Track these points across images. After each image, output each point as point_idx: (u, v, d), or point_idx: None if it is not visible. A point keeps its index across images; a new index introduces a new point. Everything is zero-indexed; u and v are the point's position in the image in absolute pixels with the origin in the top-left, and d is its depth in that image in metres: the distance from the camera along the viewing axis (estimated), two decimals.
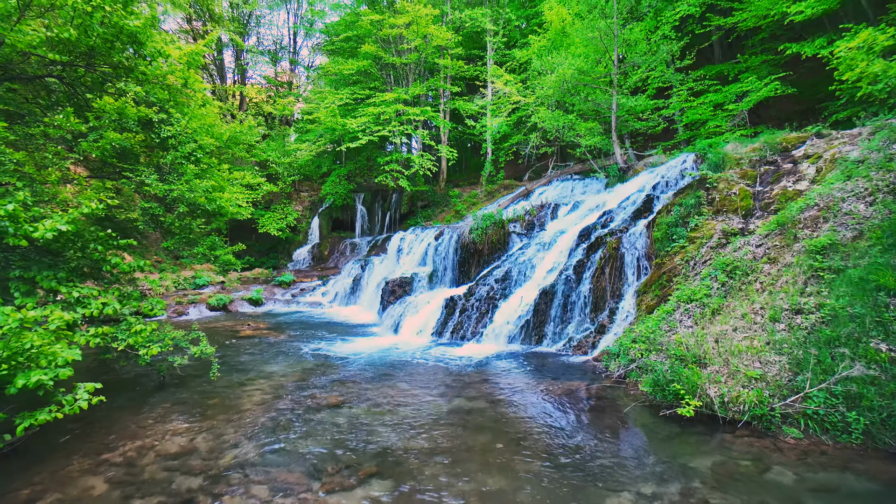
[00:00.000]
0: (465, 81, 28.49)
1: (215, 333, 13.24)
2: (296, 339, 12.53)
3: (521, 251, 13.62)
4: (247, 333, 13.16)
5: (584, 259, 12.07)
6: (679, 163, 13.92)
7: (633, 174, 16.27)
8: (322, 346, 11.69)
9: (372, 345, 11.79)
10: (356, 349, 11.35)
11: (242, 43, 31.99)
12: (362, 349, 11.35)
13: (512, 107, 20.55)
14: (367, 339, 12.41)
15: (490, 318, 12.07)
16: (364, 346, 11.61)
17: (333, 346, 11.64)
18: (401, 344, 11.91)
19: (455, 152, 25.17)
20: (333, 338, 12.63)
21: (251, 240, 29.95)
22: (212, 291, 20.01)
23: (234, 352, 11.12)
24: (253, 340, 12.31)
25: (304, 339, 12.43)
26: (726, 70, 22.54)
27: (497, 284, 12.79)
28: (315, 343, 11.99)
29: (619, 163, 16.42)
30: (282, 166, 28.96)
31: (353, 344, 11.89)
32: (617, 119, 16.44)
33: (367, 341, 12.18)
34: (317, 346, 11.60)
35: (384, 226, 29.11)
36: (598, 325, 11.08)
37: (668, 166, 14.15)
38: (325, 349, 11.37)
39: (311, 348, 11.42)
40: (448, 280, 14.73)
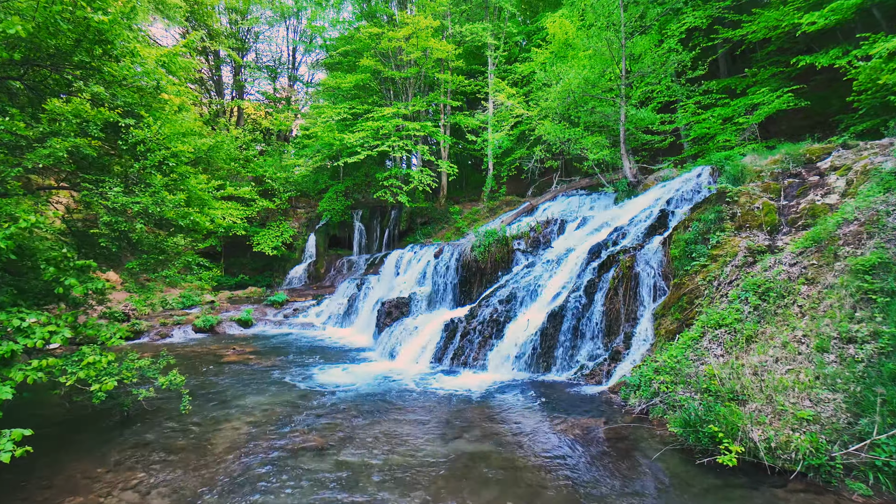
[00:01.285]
0: (466, 97, 27.94)
1: (197, 358, 12.26)
2: (283, 365, 11.55)
3: (527, 270, 12.73)
4: (231, 359, 12.18)
5: (596, 279, 11.16)
6: (694, 176, 13.10)
7: (643, 189, 15.44)
8: (311, 373, 10.71)
9: (365, 373, 10.81)
10: (347, 378, 10.37)
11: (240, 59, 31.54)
12: (354, 378, 10.37)
13: (514, 120, 19.87)
14: (360, 366, 11.43)
15: (494, 343, 11.11)
16: (356, 375, 10.63)
17: (323, 374, 10.66)
18: (397, 372, 10.93)
19: (455, 168, 24.45)
20: (324, 364, 11.66)
21: (246, 257, 29.15)
22: (200, 312, 19.06)
23: (214, 380, 10.13)
24: (236, 367, 11.33)
25: (291, 366, 11.45)
26: (733, 84, 21.93)
27: (501, 306, 11.86)
28: (303, 370, 11.01)
29: (629, 177, 15.61)
30: (278, 182, 28.26)
31: (345, 372, 10.91)
32: (625, 132, 15.68)
33: (361, 368, 11.20)
34: (305, 374, 10.61)
35: (383, 243, 28.26)
36: (612, 352, 10.12)
37: (682, 180, 13.33)
38: (313, 378, 10.39)
39: (298, 377, 10.44)
40: (448, 301, 13.81)
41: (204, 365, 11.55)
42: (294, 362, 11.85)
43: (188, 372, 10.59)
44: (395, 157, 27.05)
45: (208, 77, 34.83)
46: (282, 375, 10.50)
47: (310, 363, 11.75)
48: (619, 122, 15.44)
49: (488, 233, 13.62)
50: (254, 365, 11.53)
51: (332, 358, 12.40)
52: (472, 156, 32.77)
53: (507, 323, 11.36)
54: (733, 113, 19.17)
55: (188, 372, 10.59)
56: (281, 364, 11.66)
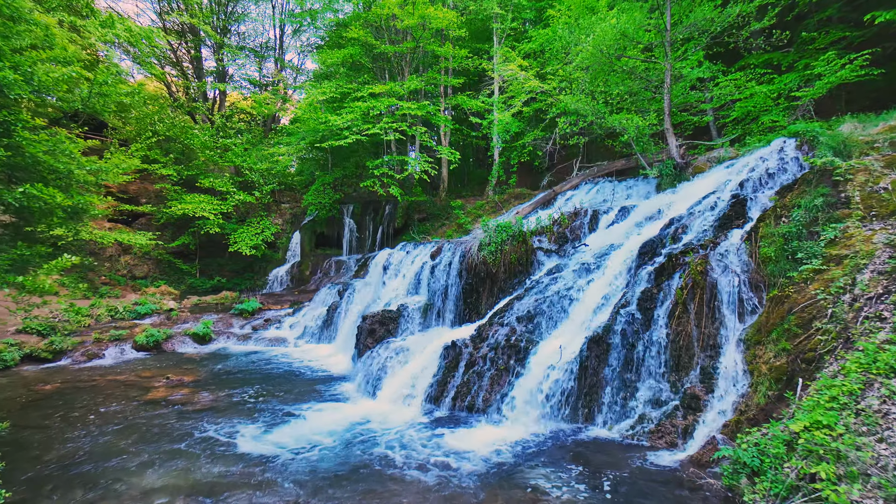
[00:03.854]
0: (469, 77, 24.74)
1: (110, 394, 9.12)
2: (224, 407, 8.42)
3: (553, 276, 9.58)
4: (156, 394, 9.05)
5: (653, 288, 8.02)
6: (773, 151, 9.97)
7: (693, 172, 12.29)
8: (256, 425, 7.57)
9: (333, 423, 7.66)
10: (307, 432, 7.23)
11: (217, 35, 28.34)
12: (317, 432, 7.23)
13: (527, 96, 16.75)
14: (327, 411, 8.28)
15: (513, 379, 7.97)
16: (320, 427, 7.49)
17: (274, 425, 7.52)
18: (378, 419, 7.80)
19: (457, 154, 21.27)
20: (281, 405, 8.52)
21: (223, 258, 26.01)
22: (153, 322, 15.94)
23: (105, 437, 6.97)
24: (156, 410, 8.18)
25: (235, 409, 8.32)
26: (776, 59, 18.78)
27: (521, 325, 8.71)
28: (248, 418, 7.88)
29: (675, 157, 12.45)
30: (257, 173, 25.09)
31: (306, 421, 7.76)
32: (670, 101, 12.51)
33: (327, 415, 8.05)
34: (247, 426, 7.47)
35: (376, 242, 25.11)
36: (686, 397, 6.97)
37: (755, 157, 10.21)
38: (258, 430, 7.25)
39: (236, 430, 7.31)
40: (449, 316, 10.66)
41: (113, 403, 8.42)
42: (243, 400, 8.72)
43: (74, 419, 7.48)
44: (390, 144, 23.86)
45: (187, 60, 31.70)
46: (214, 427, 7.36)
47: (262, 403, 8.61)
48: (664, 87, 12.26)
49: (501, 227, 10.48)
50: (184, 406, 8.39)
51: (296, 393, 9.27)
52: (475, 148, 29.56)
53: (529, 350, 8.20)
54: (783, 88, 16.01)
55: (74, 419, 7.48)
56: (222, 404, 8.52)
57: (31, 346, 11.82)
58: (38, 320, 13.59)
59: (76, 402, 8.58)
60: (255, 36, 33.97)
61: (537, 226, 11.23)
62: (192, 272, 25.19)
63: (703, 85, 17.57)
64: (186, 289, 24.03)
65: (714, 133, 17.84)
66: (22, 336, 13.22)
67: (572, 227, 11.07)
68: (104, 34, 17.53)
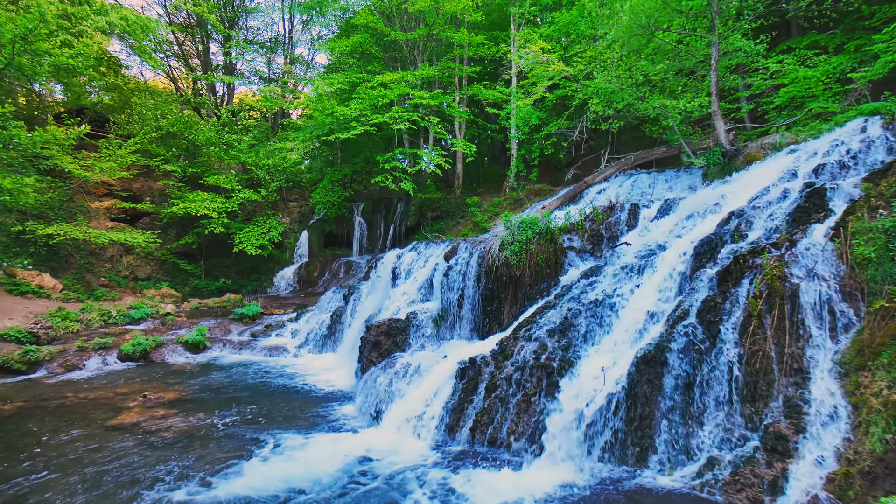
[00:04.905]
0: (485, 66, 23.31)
1: (75, 415, 7.89)
2: (202, 435, 7.13)
3: (589, 281, 8.11)
4: (127, 418, 7.79)
5: (717, 297, 6.53)
6: (852, 131, 8.40)
7: (745, 161, 10.73)
8: (235, 460, 6.25)
9: (328, 458, 6.31)
10: (293, 474, 5.88)
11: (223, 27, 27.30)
12: (305, 473, 5.89)
13: (549, 81, 15.28)
14: (323, 441, 6.94)
15: (544, 406, 6.54)
16: (311, 465, 6.14)
17: (256, 464, 6.19)
18: (380, 455, 6.43)
19: (473, 147, 19.84)
20: (268, 432, 7.20)
21: (229, 258, 24.97)
22: (146, 328, 14.81)
23: (38, 472, 5.70)
24: (119, 439, 6.90)
25: (214, 438, 7.02)
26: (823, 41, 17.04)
27: (552, 340, 7.27)
28: (227, 449, 6.57)
29: (724, 144, 10.89)
30: (263, 170, 23.95)
31: (293, 457, 6.41)
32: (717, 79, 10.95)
33: (322, 448, 6.69)
34: (223, 463, 6.15)
35: (387, 241, 23.80)
36: (768, 436, 5.48)
37: (829, 140, 8.64)
38: (234, 470, 5.93)
39: (210, 466, 6.00)
40: (465, 326, 9.25)
41: (72, 429, 7.17)
42: (222, 429, 7.42)
43: (14, 452, 6.22)
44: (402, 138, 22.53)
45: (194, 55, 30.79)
46: (180, 466, 6.05)
47: (246, 430, 7.31)
48: (711, 65, 10.70)
49: (525, 223, 9.04)
50: (153, 434, 7.11)
51: (288, 417, 7.95)
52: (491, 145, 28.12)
53: (564, 372, 6.76)
54: (833, 71, 14.32)
55: (14, 452, 6.22)
56: (199, 432, 7.23)
57: (3, 357, 10.70)
58: (17, 326, 12.50)
59: (30, 427, 7.37)
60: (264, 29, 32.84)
61: (566, 222, 9.77)
62: (197, 273, 24.19)
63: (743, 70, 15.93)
64: (190, 290, 23.02)
65: (748, 125, 16.19)
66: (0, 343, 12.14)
67: (608, 223, 9.58)
68: (97, 22, 16.49)
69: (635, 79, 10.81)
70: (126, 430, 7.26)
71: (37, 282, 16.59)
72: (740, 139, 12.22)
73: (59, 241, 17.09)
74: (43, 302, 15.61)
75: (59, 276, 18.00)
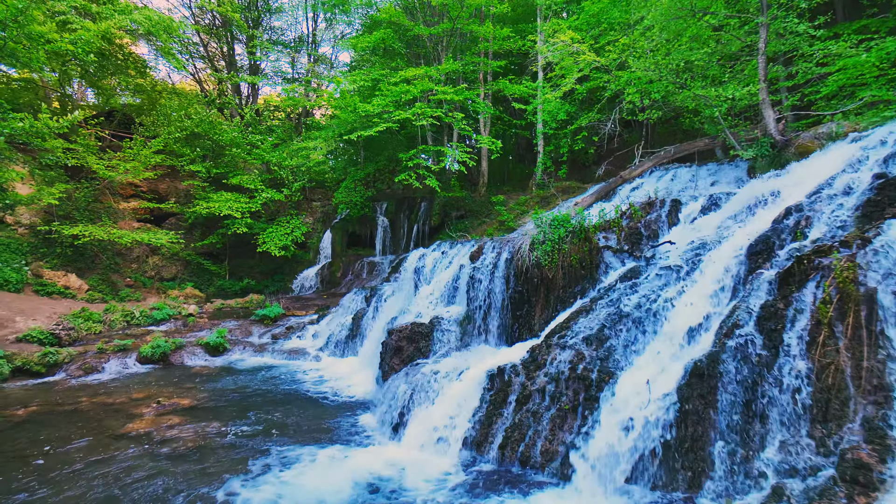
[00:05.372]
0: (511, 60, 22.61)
1: (86, 422, 7.59)
2: (213, 446, 6.72)
3: (629, 283, 7.42)
4: (137, 426, 7.44)
5: (778, 302, 5.79)
6: None
7: (797, 152, 9.85)
8: (244, 476, 5.80)
9: (344, 476, 5.81)
10: (305, 494, 5.40)
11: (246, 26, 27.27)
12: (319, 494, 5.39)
13: (579, 73, 14.54)
14: (339, 456, 6.44)
15: (583, 422, 5.90)
16: (325, 483, 5.65)
17: (266, 482, 5.73)
18: (400, 473, 5.90)
19: (499, 143, 19.18)
20: (283, 444, 6.76)
21: (253, 259, 24.87)
22: (168, 329, 14.67)
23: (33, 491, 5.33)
24: (126, 449, 6.54)
25: (225, 450, 6.60)
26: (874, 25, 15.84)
27: (589, 349, 6.62)
28: (238, 463, 6.14)
29: (773, 134, 10.02)
30: (286, 170, 23.76)
31: (307, 474, 5.93)
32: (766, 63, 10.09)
33: (339, 465, 6.19)
34: (232, 476, 5.72)
35: (410, 241, 23.33)
36: (846, 464, 4.73)
37: None
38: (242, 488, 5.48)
39: (217, 482, 5.56)
40: (493, 332, 8.65)
41: (80, 439, 6.84)
42: (235, 440, 7.00)
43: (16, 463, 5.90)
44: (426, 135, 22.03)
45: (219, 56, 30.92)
46: (186, 483, 5.63)
47: (259, 442, 6.87)
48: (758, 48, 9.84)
49: (557, 220, 8.39)
50: (161, 445, 6.73)
51: (305, 427, 7.50)
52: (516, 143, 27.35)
53: (604, 384, 6.11)
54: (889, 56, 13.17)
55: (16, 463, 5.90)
56: (211, 443, 6.83)
57: (23, 359, 10.57)
58: (40, 327, 12.42)
59: (39, 434, 7.08)
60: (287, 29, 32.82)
61: (601, 220, 9.07)
62: (222, 273, 24.19)
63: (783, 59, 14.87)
64: (215, 291, 23.01)
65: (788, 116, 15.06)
66: (23, 345, 12.07)
67: (647, 220, 8.85)
68: (121, 21, 16.45)
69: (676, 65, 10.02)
70: (134, 439, 6.90)
71: (63, 282, 16.64)
72: (790, 129, 11.30)
73: (85, 242, 17.12)
74: (68, 302, 15.61)
75: (86, 277, 18.07)
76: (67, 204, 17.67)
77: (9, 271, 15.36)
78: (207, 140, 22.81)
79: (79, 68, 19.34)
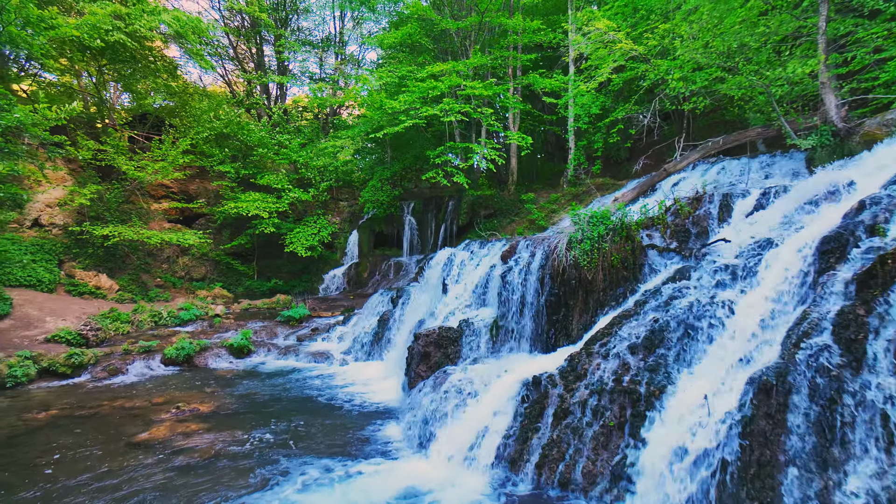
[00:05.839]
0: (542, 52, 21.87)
1: (104, 428, 7.34)
2: (231, 455, 6.36)
3: (678, 285, 6.73)
4: (154, 433, 7.14)
5: (858, 308, 5.04)
6: None
7: (862, 140, 8.93)
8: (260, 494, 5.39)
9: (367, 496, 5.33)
10: None
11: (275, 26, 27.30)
12: None
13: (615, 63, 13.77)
14: (363, 471, 5.97)
15: (631, 442, 5.28)
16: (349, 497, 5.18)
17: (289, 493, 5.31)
18: (427, 493, 5.39)
19: (529, 139, 18.52)
20: (303, 457, 6.35)
21: (281, 259, 24.84)
22: (194, 330, 14.55)
23: None
24: (140, 459, 6.22)
25: (242, 462, 6.22)
26: None
27: (635, 358, 5.97)
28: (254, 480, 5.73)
29: (835, 121, 9.12)
30: (313, 170, 23.63)
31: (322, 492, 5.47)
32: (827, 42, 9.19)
33: (361, 481, 5.72)
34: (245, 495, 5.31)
35: (438, 241, 22.85)
36: None
37: None
38: None
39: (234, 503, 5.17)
40: (527, 337, 8.05)
41: (94, 446, 6.57)
42: (253, 450, 6.61)
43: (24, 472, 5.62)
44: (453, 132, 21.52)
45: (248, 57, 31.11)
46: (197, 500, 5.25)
47: (279, 454, 6.47)
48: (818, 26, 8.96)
49: (597, 217, 7.74)
50: (176, 455, 6.39)
51: (327, 437, 7.08)
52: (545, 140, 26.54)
53: (655, 399, 5.46)
54: None
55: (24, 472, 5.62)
56: (228, 452, 6.46)
57: (49, 360, 10.50)
58: (68, 327, 12.42)
59: (54, 441, 6.85)
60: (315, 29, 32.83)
61: (643, 216, 8.37)
62: (250, 274, 24.23)
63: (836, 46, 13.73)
64: (243, 291, 23.05)
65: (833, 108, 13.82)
66: (51, 345, 12.08)
67: (695, 216, 8.11)
68: (150, 21, 16.48)
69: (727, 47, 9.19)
70: (149, 448, 6.58)
71: (94, 282, 16.76)
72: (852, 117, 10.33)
73: (115, 242, 17.25)
74: (98, 303, 15.69)
75: (116, 277, 18.21)
76: (98, 205, 17.84)
77: (42, 271, 15.53)
78: (236, 140, 22.87)
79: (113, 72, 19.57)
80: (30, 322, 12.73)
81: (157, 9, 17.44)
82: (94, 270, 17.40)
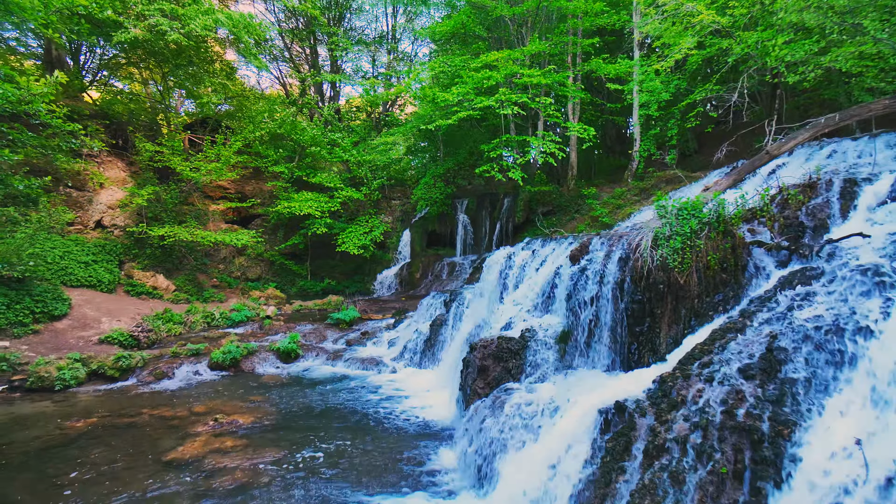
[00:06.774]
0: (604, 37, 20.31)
1: (138, 441, 6.84)
2: (266, 482, 5.64)
3: (798, 291, 5.39)
4: (189, 449, 6.55)
5: None
6: None
7: None
8: None
9: None
10: None
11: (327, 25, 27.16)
12: None
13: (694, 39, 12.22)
14: None
15: (755, 497, 4.05)
16: None
17: None
18: None
19: (591, 130, 17.10)
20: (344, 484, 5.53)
21: (334, 259, 24.61)
22: (244, 332, 14.26)
23: None
24: (170, 480, 5.61)
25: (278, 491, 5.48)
26: None
27: (749, 384, 4.72)
28: None
29: None
30: (365, 168, 23.21)
31: None
32: None
33: None
34: None
35: (492, 240, 21.79)
36: None
37: None
38: None
39: None
40: (603, 351, 6.87)
41: (121, 463, 6.04)
42: (291, 474, 5.87)
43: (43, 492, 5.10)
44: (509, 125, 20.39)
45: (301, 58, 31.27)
46: None
47: (316, 482, 5.69)
48: None
49: (687, 208, 6.47)
50: (208, 478, 5.74)
51: (372, 459, 6.25)
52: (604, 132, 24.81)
53: (784, 441, 4.20)
54: None
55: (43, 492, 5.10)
56: (264, 478, 5.75)
57: (98, 362, 10.33)
58: (121, 328, 12.36)
59: (85, 455, 6.40)
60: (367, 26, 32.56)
61: (740, 208, 6.98)
62: (304, 274, 24.14)
63: None
64: (297, 291, 22.95)
65: None
66: (104, 346, 12.05)
67: (810, 207, 6.67)
68: (205, 20, 16.45)
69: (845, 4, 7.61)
70: (180, 468, 5.98)
71: (151, 283, 16.93)
72: None
73: (171, 242, 17.38)
74: (153, 303, 15.78)
75: (173, 277, 18.38)
76: (156, 206, 18.06)
77: (103, 272, 15.77)
78: (289, 140, 22.81)
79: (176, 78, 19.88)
80: (86, 322, 12.79)
81: (211, 8, 17.44)
82: (151, 271, 17.60)
